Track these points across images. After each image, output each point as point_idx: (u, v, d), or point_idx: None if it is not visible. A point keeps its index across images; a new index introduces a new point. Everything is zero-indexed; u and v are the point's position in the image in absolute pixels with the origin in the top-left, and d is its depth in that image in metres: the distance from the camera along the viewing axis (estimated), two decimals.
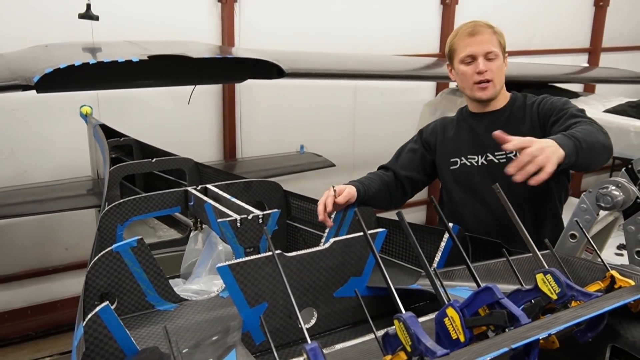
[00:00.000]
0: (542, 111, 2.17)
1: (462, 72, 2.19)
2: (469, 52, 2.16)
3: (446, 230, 1.48)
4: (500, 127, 2.16)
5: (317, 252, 1.54)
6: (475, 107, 2.30)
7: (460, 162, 2.28)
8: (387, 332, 1.14)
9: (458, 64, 2.20)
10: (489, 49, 2.14)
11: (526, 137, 1.73)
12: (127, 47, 3.43)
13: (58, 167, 4.22)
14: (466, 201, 2.28)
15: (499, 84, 2.20)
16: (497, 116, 2.25)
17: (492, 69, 2.15)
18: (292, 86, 4.88)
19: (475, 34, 2.16)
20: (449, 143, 2.35)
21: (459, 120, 2.37)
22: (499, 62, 2.18)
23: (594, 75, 5.54)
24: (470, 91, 2.21)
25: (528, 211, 2.19)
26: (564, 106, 2.15)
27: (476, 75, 2.16)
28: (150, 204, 2.22)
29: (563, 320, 1.11)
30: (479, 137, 2.26)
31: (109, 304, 1.32)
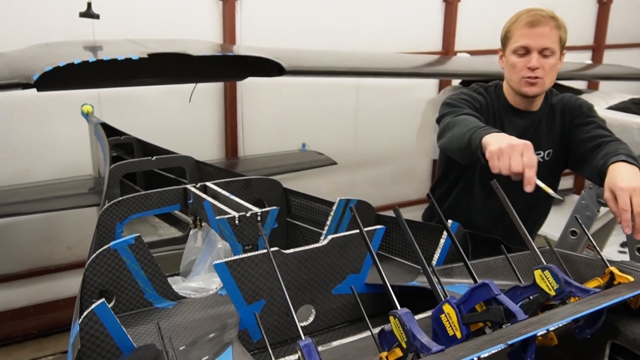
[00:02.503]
0: (569, 110, 2.13)
1: (513, 63, 2.08)
2: (524, 43, 2.04)
3: (445, 227, 1.47)
4: (536, 131, 2.17)
5: (314, 249, 1.54)
6: (516, 101, 2.20)
7: None
8: (382, 328, 1.14)
9: (510, 53, 2.09)
10: (547, 44, 2.02)
11: (618, 197, 1.62)
12: (127, 45, 3.43)
13: (60, 166, 4.23)
14: (482, 196, 2.24)
15: (549, 83, 2.10)
16: (534, 118, 2.18)
17: (545, 66, 2.04)
18: (294, 85, 4.87)
19: (536, 25, 2.03)
20: None
21: (500, 112, 2.23)
22: (554, 60, 2.06)
23: (597, 72, 5.51)
24: (517, 85, 2.11)
25: (532, 210, 2.19)
26: (591, 112, 2.12)
27: (526, 70, 2.05)
28: (149, 201, 2.21)
29: (560, 316, 1.10)
30: (519, 137, 2.17)
31: (105, 301, 1.32)
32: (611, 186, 1.64)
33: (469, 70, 4.31)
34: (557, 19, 2.07)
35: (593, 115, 2.12)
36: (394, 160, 5.64)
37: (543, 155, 2.18)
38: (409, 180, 5.76)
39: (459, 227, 1.91)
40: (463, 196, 2.30)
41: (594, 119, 2.09)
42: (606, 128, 2.05)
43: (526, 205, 2.12)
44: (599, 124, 2.07)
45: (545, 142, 2.18)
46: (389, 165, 5.63)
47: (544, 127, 2.18)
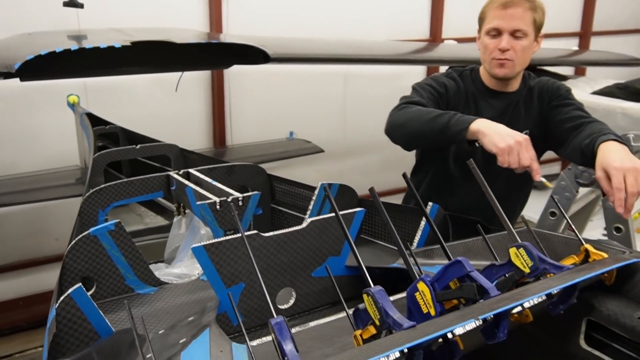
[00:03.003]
0: (547, 92, 2.13)
1: (485, 44, 2.08)
2: (495, 25, 2.03)
3: (422, 209, 1.48)
4: (514, 112, 2.16)
5: (294, 232, 1.54)
6: (492, 83, 2.19)
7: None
8: (357, 307, 1.14)
9: (484, 34, 2.10)
10: (518, 26, 2.00)
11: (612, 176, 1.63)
12: (112, 34, 3.40)
13: (46, 156, 4.20)
14: (463, 178, 2.24)
15: (520, 65, 2.09)
16: (512, 100, 2.19)
17: (515, 48, 2.03)
18: (282, 73, 4.86)
19: (509, 6, 2.01)
20: None
21: (475, 94, 2.23)
22: (526, 42, 2.03)
23: (584, 58, 5.53)
24: (489, 65, 2.11)
25: (513, 192, 2.20)
26: (568, 95, 2.12)
27: (497, 52, 2.04)
28: (131, 189, 2.21)
29: (532, 292, 1.11)
30: (490, 118, 2.06)
31: (82, 286, 1.32)
32: (604, 165, 1.64)
33: (456, 57, 4.31)
34: (532, 1, 2.04)
35: (571, 97, 2.13)
36: (382, 148, 5.60)
37: None
38: (398, 168, 5.68)
39: (439, 209, 1.91)
40: (441, 182, 2.30)
41: (572, 101, 2.10)
42: (585, 110, 2.06)
43: (506, 188, 2.13)
44: (578, 106, 2.08)
45: (523, 123, 2.17)
46: (377, 154, 5.63)
47: (521, 109, 2.18)
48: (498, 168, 1.64)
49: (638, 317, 1.32)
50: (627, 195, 1.59)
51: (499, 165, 1.69)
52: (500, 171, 1.60)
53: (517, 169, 1.71)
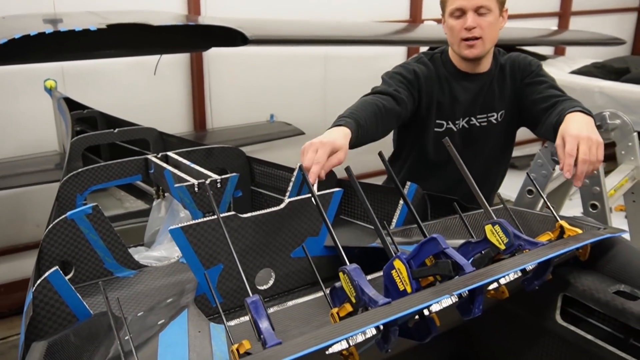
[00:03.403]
0: (518, 69, 2.12)
1: (451, 26, 2.05)
2: (458, 5, 2.00)
3: (398, 189, 1.48)
4: (487, 93, 2.15)
5: (272, 213, 1.54)
6: (462, 65, 2.16)
7: (447, 125, 2.18)
8: (334, 286, 1.15)
9: (448, 16, 2.06)
10: (481, 2, 1.97)
11: (566, 142, 1.62)
12: (87, 17, 3.36)
13: (24, 142, 4.14)
14: (443, 162, 2.23)
15: (489, 42, 2.05)
16: (485, 80, 2.16)
17: (482, 25, 1.99)
18: (262, 56, 4.83)
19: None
20: (439, 104, 2.18)
21: (447, 77, 2.18)
22: (492, 17, 2.00)
23: (563, 38, 5.56)
24: (457, 47, 2.08)
25: (491, 169, 2.20)
26: (540, 71, 2.11)
27: (464, 32, 2.01)
28: (109, 172, 2.19)
29: (506, 267, 1.13)
30: (465, 101, 2.16)
31: (59, 269, 1.31)
32: (562, 132, 1.65)
33: (436, 37, 4.31)
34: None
35: (543, 74, 2.12)
36: None
37: (497, 117, 2.18)
38: (378, 150, 5.75)
39: (417, 189, 1.92)
40: (420, 168, 2.29)
41: (544, 79, 2.08)
42: (557, 87, 2.06)
43: (484, 168, 2.14)
44: (550, 83, 2.07)
45: (499, 103, 2.17)
46: None
47: (495, 88, 2.17)
48: (477, 150, 1.64)
49: (612, 292, 1.34)
50: (578, 163, 1.58)
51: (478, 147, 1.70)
52: (478, 152, 1.60)
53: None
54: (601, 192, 1.76)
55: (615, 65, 3.92)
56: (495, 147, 2.22)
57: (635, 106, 3.49)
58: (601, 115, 2.06)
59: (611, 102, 3.56)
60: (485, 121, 2.15)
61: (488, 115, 2.15)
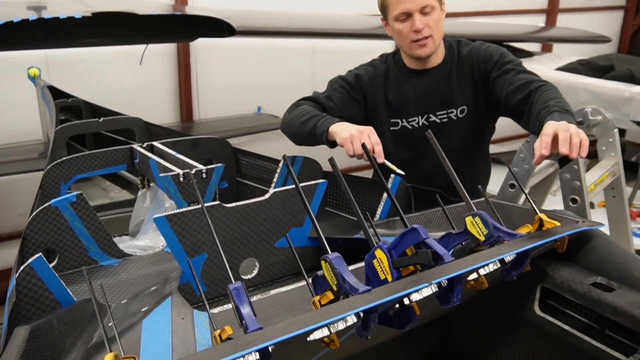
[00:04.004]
0: (480, 62, 2.09)
1: (398, 30, 2.05)
2: (402, 9, 2.00)
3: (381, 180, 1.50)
4: (441, 86, 2.15)
5: (256, 203, 1.55)
6: (414, 63, 2.17)
7: (402, 123, 2.21)
8: (316, 274, 1.16)
9: (393, 20, 2.05)
10: (424, 2, 1.98)
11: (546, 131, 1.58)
12: (72, 4, 3.34)
13: (7, 131, 4.11)
14: (409, 160, 2.25)
15: (439, 37, 2.08)
16: (437, 73, 2.16)
17: (429, 23, 2.01)
18: (250, 47, 4.82)
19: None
20: (390, 103, 2.23)
21: (397, 76, 2.21)
22: (436, 14, 2.03)
23: (549, 34, 5.61)
24: (409, 49, 2.08)
25: (465, 164, 2.20)
26: (504, 59, 2.06)
27: (413, 34, 2.02)
28: (94, 161, 2.19)
29: (485, 257, 1.15)
30: (419, 97, 2.17)
31: (42, 256, 1.31)
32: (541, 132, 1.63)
33: None
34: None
35: (507, 60, 2.06)
36: None
37: (456, 113, 2.16)
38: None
39: (401, 182, 1.94)
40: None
41: (510, 66, 2.03)
42: (525, 70, 2.02)
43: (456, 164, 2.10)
44: (517, 69, 2.02)
45: (459, 98, 2.15)
46: None
47: (454, 82, 2.14)
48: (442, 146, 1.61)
49: (589, 284, 1.37)
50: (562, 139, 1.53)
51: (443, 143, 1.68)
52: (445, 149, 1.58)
53: (362, 155, 1.78)
54: (581, 186, 1.79)
55: (600, 63, 3.97)
56: (463, 142, 2.19)
57: (618, 103, 3.54)
58: (583, 111, 2.08)
59: (595, 99, 3.60)
60: (446, 117, 2.15)
61: (448, 111, 2.15)
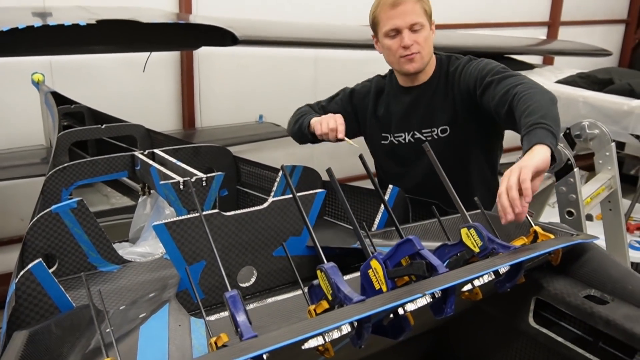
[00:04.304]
0: (463, 83, 2.08)
1: (388, 46, 2.09)
2: (392, 25, 2.04)
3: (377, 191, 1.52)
4: (425, 103, 2.17)
5: (255, 212, 1.57)
6: (403, 80, 2.22)
7: (390, 138, 2.26)
8: (312, 283, 1.18)
9: (382, 37, 2.10)
10: (413, 20, 2.02)
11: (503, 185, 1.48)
12: (77, 12, 3.37)
13: (10, 135, 4.13)
14: (400, 174, 2.28)
15: (427, 55, 2.11)
16: (423, 90, 2.18)
17: (418, 40, 2.05)
18: (252, 56, 4.84)
19: (398, 4, 2.02)
20: (379, 118, 2.29)
21: (389, 93, 2.28)
22: (425, 32, 2.06)
23: (550, 47, 5.63)
24: (398, 65, 2.12)
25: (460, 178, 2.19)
26: (483, 72, 2.02)
27: (402, 50, 2.05)
28: (96, 168, 2.21)
29: (478, 269, 1.16)
30: (405, 113, 2.21)
31: (42, 261, 1.33)
32: None
33: None
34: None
35: (486, 73, 2.00)
36: None
37: (437, 132, 2.16)
38: (367, 153, 5.79)
39: (399, 192, 1.96)
40: (384, 177, 2.37)
41: (489, 79, 1.96)
42: (503, 74, 1.94)
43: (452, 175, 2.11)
44: (497, 78, 1.93)
45: (440, 118, 2.15)
46: None
47: (437, 101, 2.15)
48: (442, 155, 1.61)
49: (583, 296, 1.38)
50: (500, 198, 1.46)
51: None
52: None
53: (329, 135, 2.13)
54: (577, 199, 1.81)
55: (600, 76, 3.99)
56: (450, 161, 2.05)
57: (617, 116, 3.55)
58: (580, 125, 2.11)
59: (594, 112, 3.61)
60: (430, 136, 2.17)
61: (431, 130, 2.16)
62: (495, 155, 2.28)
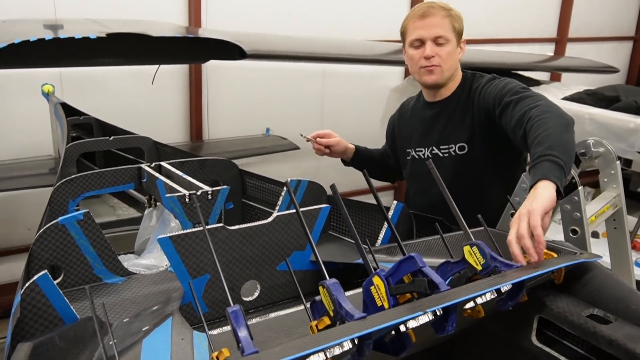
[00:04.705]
0: (483, 102, 2.09)
1: (411, 55, 2.13)
2: (417, 35, 2.08)
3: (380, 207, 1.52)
4: (445, 119, 2.19)
5: (259, 226, 1.58)
6: (427, 95, 2.26)
7: (412, 153, 2.30)
8: (314, 299, 1.18)
9: (408, 46, 2.14)
10: (438, 33, 2.06)
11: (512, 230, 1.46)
12: (88, 24, 3.40)
13: (19, 146, 4.17)
14: (420, 190, 2.31)
15: (448, 70, 2.12)
16: (444, 106, 2.21)
17: (440, 54, 2.07)
18: (260, 69, 4.88)
19: (426, 16, 2.07)
20: (403, 134, 2.36)
21: (414, 109, 2.34)
22: (450, 47, 2.09)
23: (557, 64, 5.64)
24: (418, 75, 2.16)
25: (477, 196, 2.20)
26: (502, 92, 2.01)
27: (423, 60, 2.09)
28: (103, 180, 2.23)
29: (480, 287, 1.16)
30: (426, 129, 2.24)
31: (47, 273, 1.34)
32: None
33: None
34: (448, 9, 2.10)
35: (504, 93, 1.98)
36: None
37: (455, 149, 2.17)
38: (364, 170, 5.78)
39: (403, 208, 1.96)
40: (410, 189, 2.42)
41: (507, 99, 1.95)
42: (522, 95, 1.92)
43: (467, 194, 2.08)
44: (515, 99, 1.92)
45: (458, 135, 2.16)
46: None
47: (457, 118, 2.16)
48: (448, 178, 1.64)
49: (586, 316, 1.38)
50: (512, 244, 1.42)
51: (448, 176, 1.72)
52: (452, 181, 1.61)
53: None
54: (581, 218, 1.80)
55: (606, 93, 3.99)
56: (468, 178, 2.17)
57: (623, 134, 3.55)
58: (585, 143, 2.10)
59: (601, 130, 3.61)
60: (447, 153, 2.18)
61: (449, 146, 2.18)
62: (514, 174, 2.20)
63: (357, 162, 2.51)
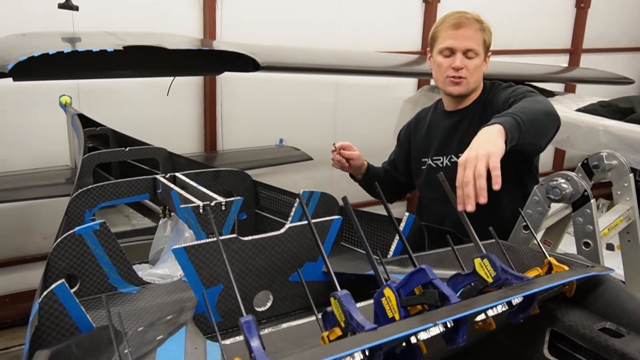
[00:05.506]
0: (495, 108, 2.09)
1: (439, 63, 2.14)
2: (448, 44, 2.09)
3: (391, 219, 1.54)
4: (464, 128, 2.20)
5: (272, 237, 1.59)
6: (447, 103, 2.27)
7: (428, 162, 2.29)
8: (325, 310, 1.20)
9: (436, 54, 2.15)
10: (470, 46, 2.07)
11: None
12: (105, 37, 3.46)
13: (37, 156, 4.24)
14: (435, 199, 2.31)
15: (474, 83, 2.14)
16: (464, 115, 2.22)
17: (468, 67, 2.09)
18: (274, 80, 4.92)
19: (460, 26, 2.07)
20: (420, 142, 2.35)
21: (432, 116, 2.34)
22: (478, 61, 2.10)
23: (571, 75, 5.62)
24: (443, 84, 2.16)
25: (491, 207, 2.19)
26: (511, 97, 2.04)
27: (450, 70, 2.10)
28: (118, 190, 2.26)
29: (490, 300, 1.17)
30: (445, 137, 2.25)
31: (65, 282, 1.36)
32: None
33: None
34: (481, 22, 2.11)
35: (511, 97, 2.02)
36: (372, 158, 5.62)
37: None
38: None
39: (415, 219, 1.97)
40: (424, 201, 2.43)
41: (511, 101, 1.98)
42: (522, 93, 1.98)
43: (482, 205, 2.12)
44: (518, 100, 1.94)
45: None
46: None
47: (474, 127, 2.10)
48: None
49: (598, 329, 1.38)
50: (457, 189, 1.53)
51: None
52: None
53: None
54: (594, 230, 1.80)
55: (621, 105, 3.97)
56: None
57: (638, 146, 3.52)
58: (598, 155, 2.11)
59: (615, 141, 3.59)
60: None
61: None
62: (527, 186, 2.21)
63: (366, 179, 2.53)
